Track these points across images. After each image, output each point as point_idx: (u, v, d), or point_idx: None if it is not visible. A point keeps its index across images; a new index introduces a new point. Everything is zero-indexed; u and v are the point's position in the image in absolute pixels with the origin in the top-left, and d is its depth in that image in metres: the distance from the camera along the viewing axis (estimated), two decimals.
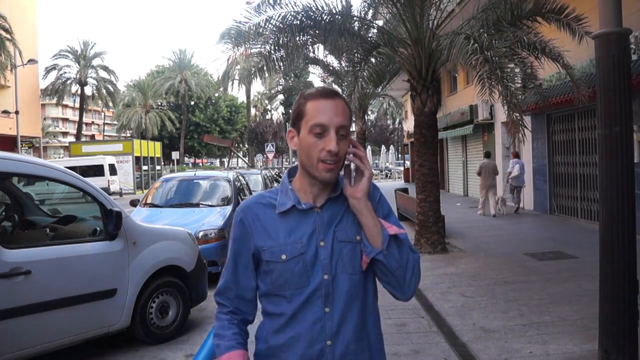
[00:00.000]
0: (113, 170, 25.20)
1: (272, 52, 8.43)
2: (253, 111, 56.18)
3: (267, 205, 1.42)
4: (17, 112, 24.65)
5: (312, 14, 7.63)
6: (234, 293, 1.44)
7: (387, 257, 1.34)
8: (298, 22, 7.68)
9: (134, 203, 8.14)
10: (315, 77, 51.48)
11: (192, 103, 53.02)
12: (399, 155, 44.60)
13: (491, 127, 15.48)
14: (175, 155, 37.13)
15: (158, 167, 34.42)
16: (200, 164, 60.94)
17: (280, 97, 49.57)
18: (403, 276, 1.36)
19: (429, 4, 7.78)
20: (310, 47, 9.40)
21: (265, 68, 8.76)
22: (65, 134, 71.98)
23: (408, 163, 28.97)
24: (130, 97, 49.99)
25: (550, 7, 7.12)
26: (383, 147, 38.36)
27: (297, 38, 7.97)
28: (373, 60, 8.08)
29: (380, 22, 10.27)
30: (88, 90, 41.62)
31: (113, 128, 63.90)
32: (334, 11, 7.79)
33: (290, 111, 1.74)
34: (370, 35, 9.02)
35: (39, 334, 3.50)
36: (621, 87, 3.13)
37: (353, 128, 32.10)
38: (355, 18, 8.74)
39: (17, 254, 3.44)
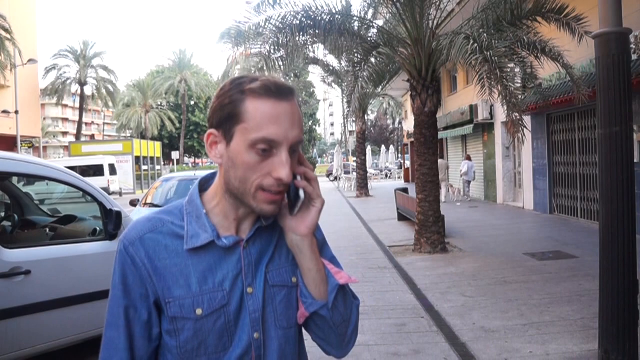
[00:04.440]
0: (113, 170, 25.25)
1: (272, 52, 8.42)
2: None
3: (169, 235, 0.99)
4: (17, 112, 24.65)
5: (312, 13, 7.64)
6: None
7: (333, 311, 1.02)
8: (298, 22, 7.69)
9: (133, 203, 8.15)
10: (315, 77, 51.51)
11: (192, 103, 53.08)
12: (399, 155, 44.59)
13: (491, 127, 15.48)
14: (175, 155, 37.18)
15: (158, 167, 34.45)
16: (200, 164, 60.96)
17: None
18: (345, 332, 1.07)
19: (429, 4, 7.78)
20: (310, 47, 9.40)
21: (265, 68, 8.76)
22: (65, 133, 72.05)
23: (408, 163, 28.99)
24: (130, 97, 50.04)
25: (550, 7, 7.13)
26: (383, 147, 38.35)
27: (297, 38, 7.97)
28: (373, 60, 8.08)
29: (380, 22, 10.28)
30: (88, 90, 41.64)
31: (113, 128, 63.95)
32: (334, 11, 7.79)
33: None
34: (370, 35, 9.02)
35: (39, 334, 3.50)
36: (621, 87, 3.14)
37: (352, 127, 31.98)
38: (355, 18, 8.75)
39: (17, 254, 3.44)
